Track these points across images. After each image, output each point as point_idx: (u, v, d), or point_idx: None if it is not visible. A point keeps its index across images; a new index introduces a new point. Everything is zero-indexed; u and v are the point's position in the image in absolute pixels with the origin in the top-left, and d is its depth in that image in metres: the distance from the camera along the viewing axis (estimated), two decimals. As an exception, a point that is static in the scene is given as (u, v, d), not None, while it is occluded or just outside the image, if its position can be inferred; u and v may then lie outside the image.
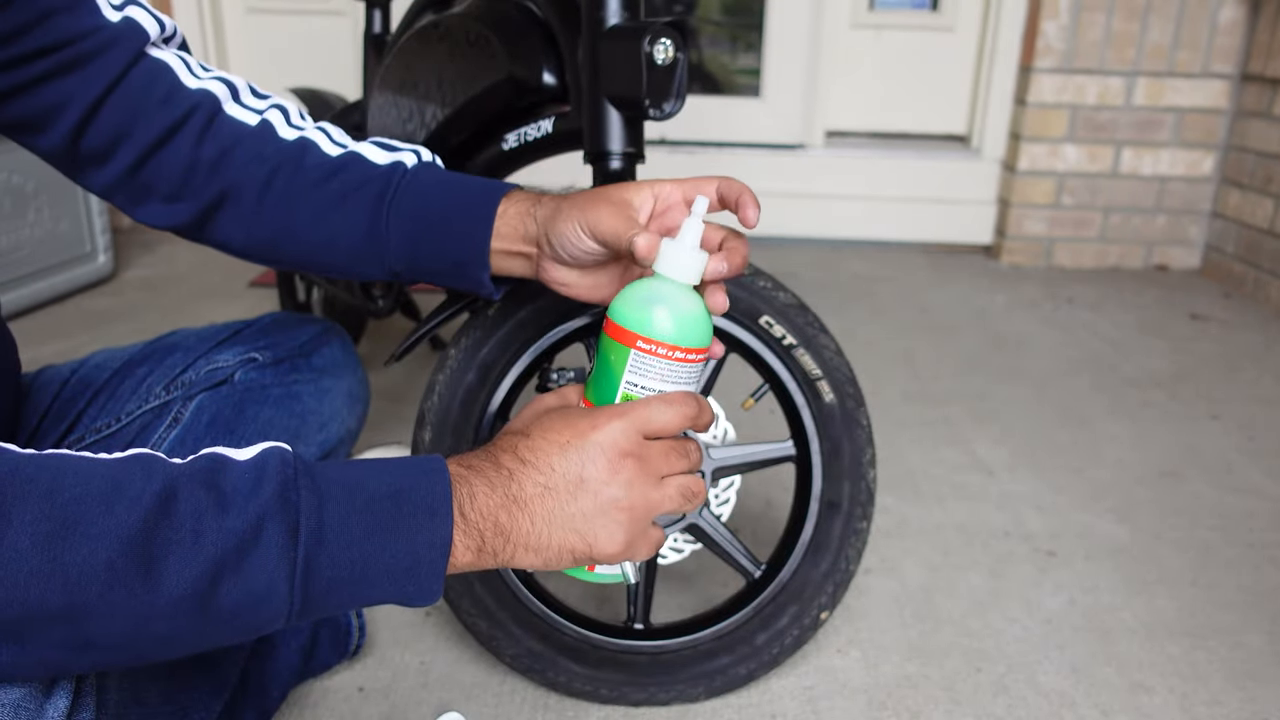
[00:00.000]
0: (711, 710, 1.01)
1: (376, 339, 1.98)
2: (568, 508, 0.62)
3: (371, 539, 0.56)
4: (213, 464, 0.55)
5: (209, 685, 0.81)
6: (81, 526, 0.49)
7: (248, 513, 0.53)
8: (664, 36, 0.86)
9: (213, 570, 0.52)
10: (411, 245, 0.78)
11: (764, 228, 2.84)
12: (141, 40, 0.76)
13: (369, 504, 0.57)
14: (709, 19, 2.93)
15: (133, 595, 0.50)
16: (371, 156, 0.81)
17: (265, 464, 0.56)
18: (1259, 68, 2.46)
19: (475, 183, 0.79)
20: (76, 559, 0.49)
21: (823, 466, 0.99)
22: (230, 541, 0.52)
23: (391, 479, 0.58)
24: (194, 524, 0.52)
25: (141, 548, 0.50)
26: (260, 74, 2.86)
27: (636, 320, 0.65)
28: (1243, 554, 1.33)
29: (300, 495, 0.55)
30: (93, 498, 0.50)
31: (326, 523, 0.55)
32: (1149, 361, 2.03)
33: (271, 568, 0.53)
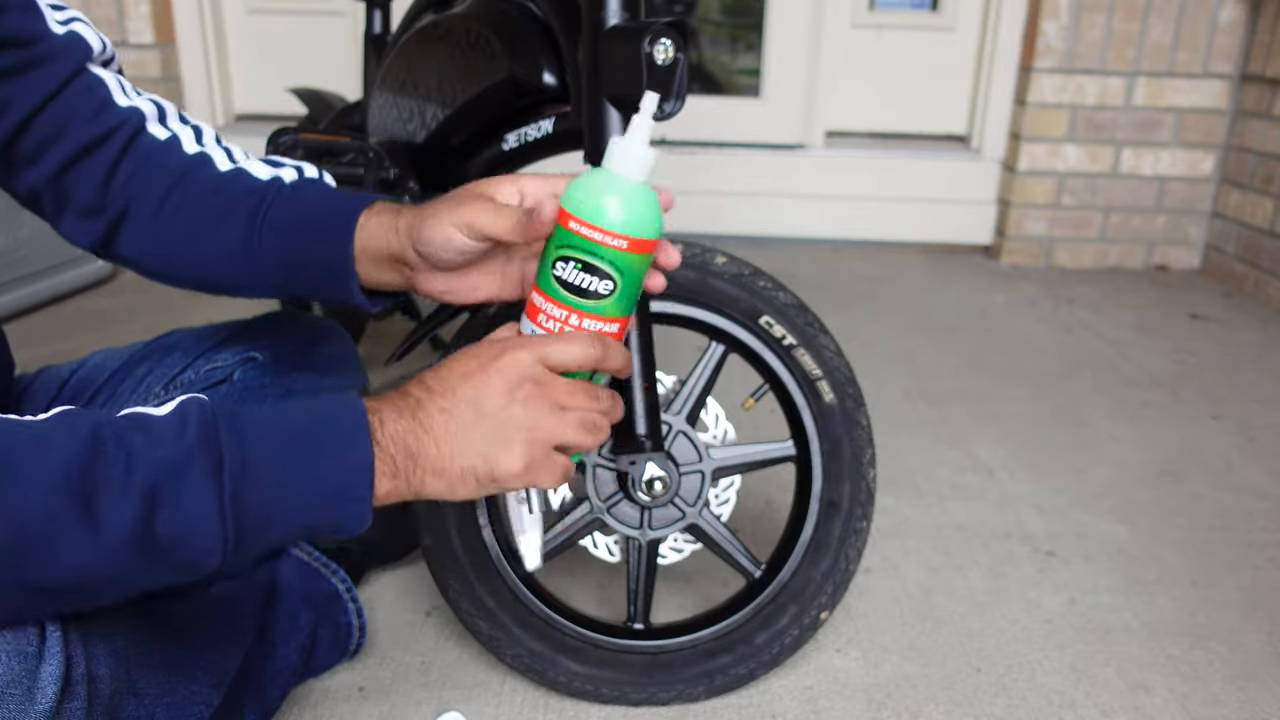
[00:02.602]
0: (711, 710, 1.01)
1: (376, 339, 1.98)
2: (470, 431, 0.65)
3: (295, 467, 0.60)
4: (137, 415, 0.58)
5: (207, 679, 0.81)
6: (15, 472, 0.52)
7: (174, 449, 0.56)
8: (664, 36, 0.86)
9: (147, 501, 0.55)
10: (283, 257, 0.80)
11: (764, 228, 2.84)
12: (85, 55, 0.79)
13: (290, 436, 0.60)
14: (709, 19, 2.93)
15: (74, 533, 0.53)
16: (254, 171, 0.83)
17: (186, 410, 0.59)
18: (1259, 68, 2.46)
19: (341, 195, 0.81)
20: (12, 503, 0.51)
21: (823, 466, 0.99)
22: (161, 472, 0.55)
23: (310, 413, 0.62)
24: (125, 460, 0.55)
25: (78, 486, 0.53)
26: (260, 74, 2.86)
27: (588, 209, 0.67)
28: (1243, 554, 1.33)
29: (221, 433, 0.58)
30: (23, 447, 0.53)
31: (249, 455, 0.58)
32: (1149, 361, 2.03)
33: (202, 498, 0.56)
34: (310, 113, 1.82)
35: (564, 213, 0.68)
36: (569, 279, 0.68)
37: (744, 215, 2.83)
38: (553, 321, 0.69)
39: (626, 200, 0.67)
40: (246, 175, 0.82)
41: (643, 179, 0.68)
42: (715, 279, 0.97)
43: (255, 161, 0.84)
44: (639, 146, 0.68)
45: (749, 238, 2.84)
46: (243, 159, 0.84)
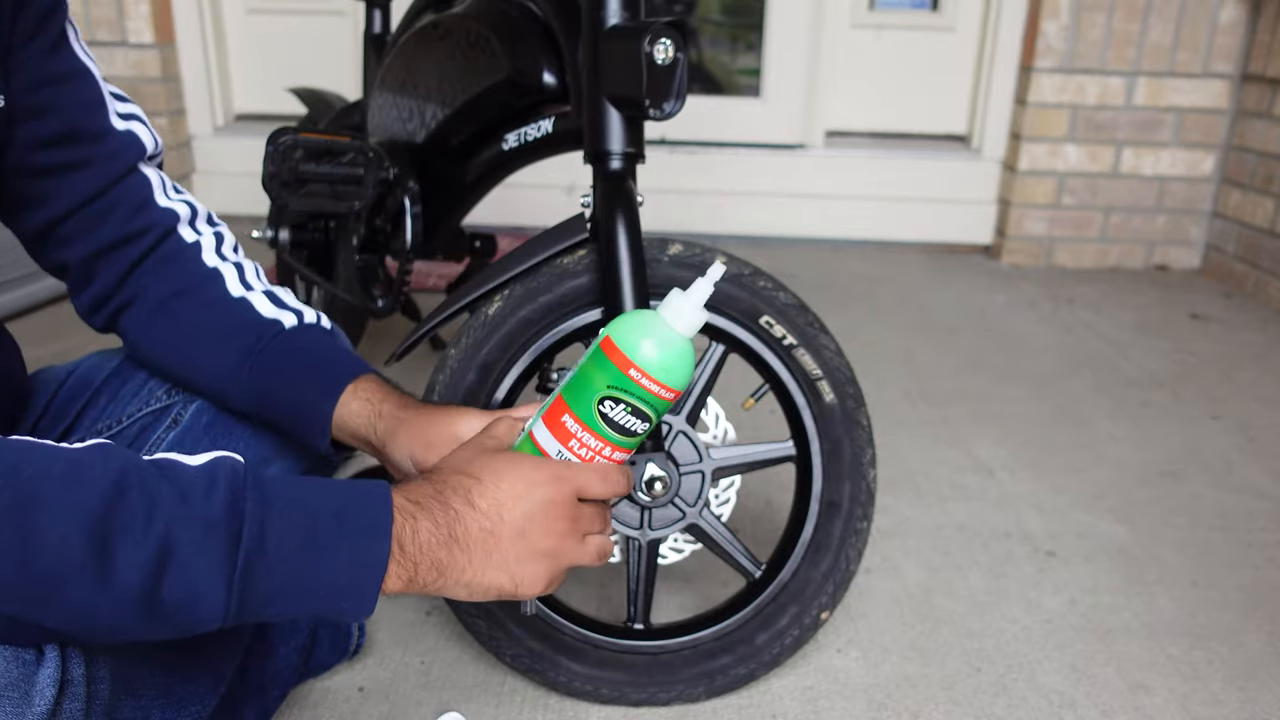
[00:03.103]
0: (711, 710, 1.01)
1: (376, 339, 1.98)
2: (505, 552, 0.66)
3: (310, 554, 0.59)
4: (169, 463, 0.58)
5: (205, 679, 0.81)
6: (43, 502, 0.52)
7: (198, 510, 0.56)
8: (664, 36, 0.86)
9: (159, 558, 0.54)
10: (264, 398, 0.85)
11: (764, 228, 2.84)
12: (138, 155, 0.84)
13: (312, 520, 0.60)
14: (709, 19, 2.93)
15: (84, 577, 0.53)
16: (259, 306, 0.87)
17: (217, 471, 0.59)
18: (1259, 68, 2.46)
19: (332, 357, 0.86)
20: (33, 536, 0.51)
21: (823, 466, 0.99)
22: (179, 531, 0.55)
23: (336, 499, 0.61)
24: (147, 509, 0.54)
25: (98, 528, 0.53)
26: (260, 74, 2.86)
27: (652, 364, 0.71)
28: (1243, 554, 1.33)
29: (247, 504, 0.58)
30: (54, 477, 0.53)
31: (269, 535, 0.58)
32: (1149, 361, 2.03)
33: (214, 569, 0.56)
34: (310, 112, 1.82)
35: (623, 357, 0.71)
36: (618, 419, 0.72)
37: (744, 215, 2.83)
38: (586, 450, 0.72)
39: (681, 357, 0.72)
40: (250, 309, 0.87)
41: (691, 336, 0.74)
42: (715, 279, 0.97)
43: (261, 295, 0.89)
44: (696, 309, 0.73)
45: (749, 238, 2.84)
46: (254, 283, 0.89)
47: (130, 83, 2.62)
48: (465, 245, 1.58)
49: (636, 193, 0.93)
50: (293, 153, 1.30)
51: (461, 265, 1.63)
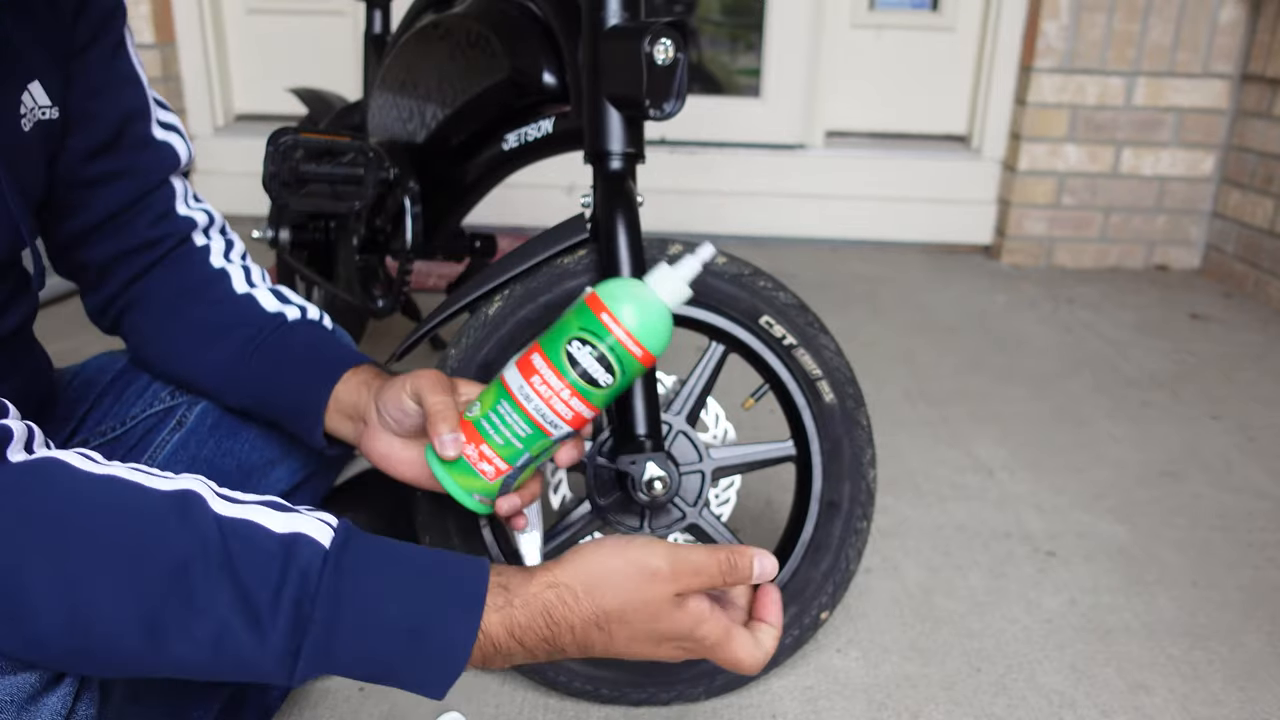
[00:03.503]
0: (711, 710, 1.01)
1: (377, 339, 1.98)
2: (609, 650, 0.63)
3: (377, 665, 0.57)
4: (242, 543, 0.55)
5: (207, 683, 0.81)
6: (100, 584, 0.51)
7: (255, 627, 0.54)
8: (664, 36, 0.86)
9: (212, 659, 0.54)
10: (263, 385, 0.86)
11: (764, 228, 2.84)
12: (173, 167, 0.86)
13: (381, 636, 0.56)
14: (709, 19, 2.93)
15: (131, 652, 0.53)
16: (262, 301, 0.89)
17: (292, 561, 0.56)
18: (1259, 68, 2.46)
19: (334, 345, 0.87)
20: (90, 609, 0.51)
21: (823, 466, 0.99)
22: (232, 647, 0.54)
23: (420, 610, 0.57)
24: (205, 608, 0.53)
25: (152, 620, 0.53)
26: (260, 74, 2.86)
27: (626, 313, 0.73)
28: (1243, 554, 1.33)
29: (316, 611, 0.55)
30: (119, 552, 0.52)
31: (335, 652, 0.56)
32: (1149, 361, 2.03)
33: (268, 672, 0.56)
34: (310, 113, 1.82)
35: (599, 302, 0.73)
36: (581, 361, 0.73)
37: (744, 215, 2.83)
38: (546, 388, 0.73)
39: (658, 319, 0.74)
40: (255, 303, 0.88)
41: (673, 307, 0.75)
42: (715, 279, 0.97)
43: (266, 290, 0.89)
44: (682, 282, 0.75)
45: (749, 238, 2.84)
46: (259, 282, 0.90)
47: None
48: (465, 245, 1.58)
49: (636, 193, 0.93)
50: (293, 153, 1.30)
51: (461, 265, 1.63)
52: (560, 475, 1.02)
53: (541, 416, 0.74)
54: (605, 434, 0.95)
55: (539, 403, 0.74)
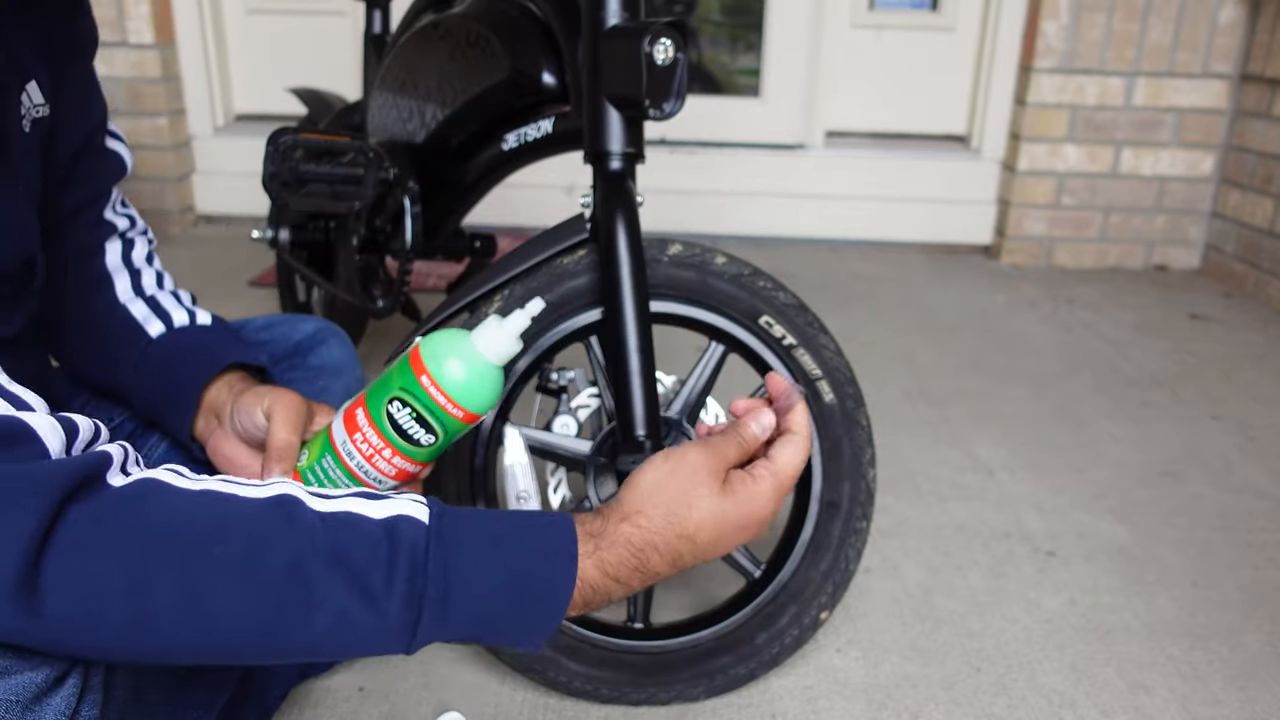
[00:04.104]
0: (711, 710, 1.01)
1: (376, 339, 1.98)
2: (687, 562, 0.67)
3: (486, 624, 0.60)
4: (347, 533, 0.57)
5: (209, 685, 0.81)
6: (223, 590, 0.53)
7: (373, 599, 0.56)
8: (664, 36, 0.86)
9: (335, 644, 0.57)
10: (145, 406, 0.86)
11: (764, 228, 2.84)
12: (120, 174, 0.88)
13: (489, 598, 0.60)
14: (709, 19, 2.93)
15: (257, 649, 0.56)
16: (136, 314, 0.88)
17: (398, 541, 0.58)
18: (1259, 68, 2.46)
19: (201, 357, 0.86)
20: (214, 620, 0.54)
21: (823, 466, 0.99)
22: (352, 630, 0.56)
23: (516, 572, 0.61)
24: (323, 599, 0.55)
25: (275, 619, 0.55)
26: (260, 74, 2.86)
27: (446, 375, 0.72)
28: (1243, 554, 1.33)
29: (428, 586, 0.57)
30: (234, 561, 0.54)
31: (450, 615, 0.58)
32: (1149, 361, 2.03)
33: (387, 645, 0.58)
34: (310, 113, 1.82)
35: (420, 363, 0.72)
36: (400, 421, 0.72)
37: (744, 215, 2.83)
38: (367, 445, 0.73)
39: (480, 380, 0.73)
40: (129, 317, 0.88)
41: (501, 364, 0.74)
42: (715, 279, 0.97)
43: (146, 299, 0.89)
44: (510, 339, 0.74)
45: (749, 238, 2.84)
46: (148, 288, 0.90)
47: (130, 83, 2.62)
48: (465, 245, 1.58)
49: (636, 193, 0.93)
50: (293, 153, 1.30)
51: (461, 265, 1.63)
52: (560, 475, 1.02)
53: (365, 474, 0.74)
54: (605, 433, 0.95)
55: (361, 460, 0.73)
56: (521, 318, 0.74)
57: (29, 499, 0.49)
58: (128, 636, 0.52)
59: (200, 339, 0.88)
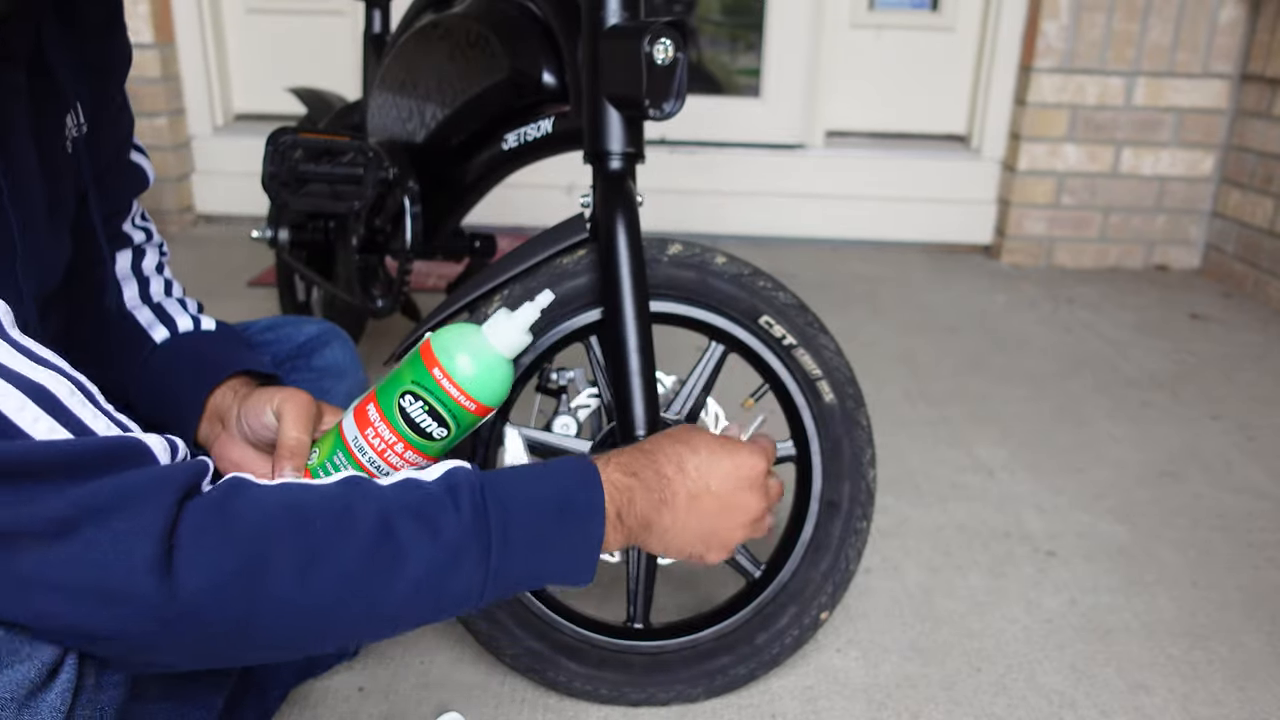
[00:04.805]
0: (711, 710, 1.01)
1: (376, 339, 1.98)
2: (701, 522, 0.74)
3: (544, 545, 0.67)
4: (413, 493, 0.64)
5: (208, 683, 0.81)
6: (323, 558, 0.59)
7: (450, 539, 0.63)
8: (664, 36, 0.86)
9: (420, 586, 0.62)
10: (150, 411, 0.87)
11: (764, 228, 2.84)
12: (143, 187, 0.90)
13: (540, 517, 0.67)
14: (709, 19, 2.93)
15: (355, 609, 0.61)
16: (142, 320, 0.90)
17: (457, 488, 0.65)
18: (1259, 68, 2.46)
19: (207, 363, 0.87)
20: (324, 585, 0.59)
21: (823, 466, 0.99)
22: (437, 564, 0.62)
23: (557, 490, 0.68)
24: (411, 550, 0.61)
25: (366, 575, 0.60)
26: (260, 74, 2.86)
27: (457, 368, 0.74)
28: (1243, 554, 1.33)
29: (490, 517, 0.64)
30: (328, 532, 0.60)
31: (511, 538, 0.65)
32: (1149, 361, 2.03)
33: (467, 581, 0.64)
34: (310, 112, 1.82)
35: (432, 355, 0.73)
36: (413, 415, 0.74)
37: (744, 215, 2.83)
38: (380, 440, 0.74)
39: (492, 372, 0.74)
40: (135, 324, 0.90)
41: (511, 357, 0.76)
42: (715, 279, 0.97)
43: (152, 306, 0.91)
44: (520, 332, 0.75)
45: (749, 238, 2.84)
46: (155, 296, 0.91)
47: (130, 83, 2.61)
48: (465, 245, 1.58)
49: (636, 193, 0.93)
50: (293, 153, 1.30)
51: (461, 265, 1.63)
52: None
53: (377, 469, 0.74)
54: (605, 433, 0.95)
55: (373, 455, 0.73)
56: (531, 310, 0.75)
57: (158, 497, 0.55)
58: (251, 612, 0.58)
59: (204, 344, 0.88)
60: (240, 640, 0.59)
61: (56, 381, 0.57)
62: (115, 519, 0.54)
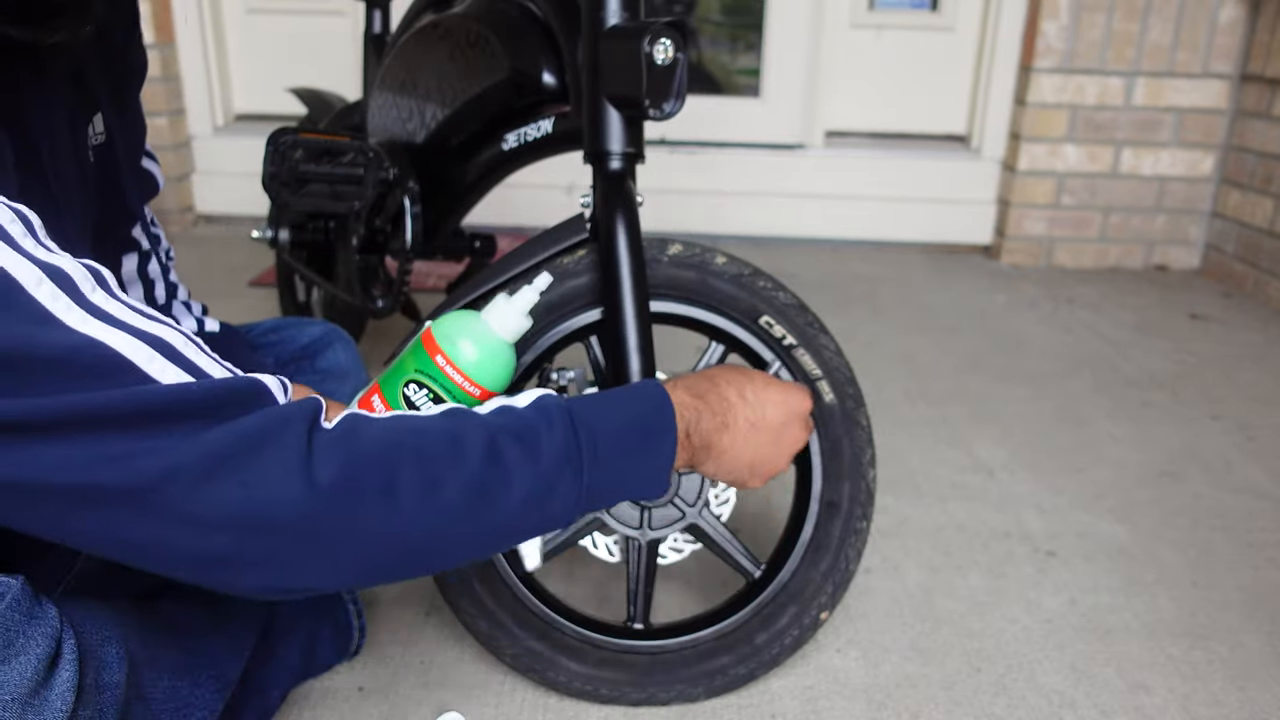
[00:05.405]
0: (711, 710, 1.01)
1: (376, 339, 1.98)
2: (755, 448, 0.80)
3: (627, 461, 0.72)
4: (511, 418, 0.69)
5: (212, 685, 0.81)
6: (443, 480, 0.63)
7: (549, 459, 0.68)
8: (664, 36, 0.86)
9: (527, 502, 0.67)
10: None
11: (764, 228, 2.84)
12: (153, 194, 0.92)
13: (622, 434, 0.72)
14: (709, 19, 2.93)
15: (470, 527, 0.65)
16: None
17: (548, 412, 0.70)
18: (1259, 68, 2.46)
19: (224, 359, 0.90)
20: (443, 506, 0.63)
21: (823, 466, 0.99)
22: (540, 482, 0.67)
23: (633, 410, 0.74)
24: (516, 470, 0.66)
25: (480, 494, 0.65)
26: (260, 74, 2.86)
27: (461, 355, 0.75)
28: (1243, 554, 1.33)
29: (580, 436, 0.70)
30: (445, 457, 0.64)
31: (600, 456, 0.70)
32: (1149, 361, 2.03)
33: (565, 497, 0.69)
34: (310, 113, 1.82)
35: (434, 343, 0.75)
36: (417, 403, 0.75)
37: (744, 215, 2.83)
38: None
39: (495, 357, 0.76)
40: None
41: (512, 341, 0.77)
42: (715, 279, 0.97)
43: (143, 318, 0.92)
44: (520, 316, 0.77)
45: (749, 238, 2.84)
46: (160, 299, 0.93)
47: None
48: (465, 245, 1.58)
49: (636, 193, 0.93)
50: (293, 153, 1.30)
51: (461, 265, 1.63)
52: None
53: None
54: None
55: None
56: (530, 293, 0.76)
57: (293, 429, 0.59)
58: (383, 531, 0.61)
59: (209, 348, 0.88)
60: (374, 558, 0.63)
61: (171, 334, 0.59)
62: (262, 453, 0.57)
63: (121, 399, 0.55)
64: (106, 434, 0.54)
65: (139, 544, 0.57)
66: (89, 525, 0.56)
